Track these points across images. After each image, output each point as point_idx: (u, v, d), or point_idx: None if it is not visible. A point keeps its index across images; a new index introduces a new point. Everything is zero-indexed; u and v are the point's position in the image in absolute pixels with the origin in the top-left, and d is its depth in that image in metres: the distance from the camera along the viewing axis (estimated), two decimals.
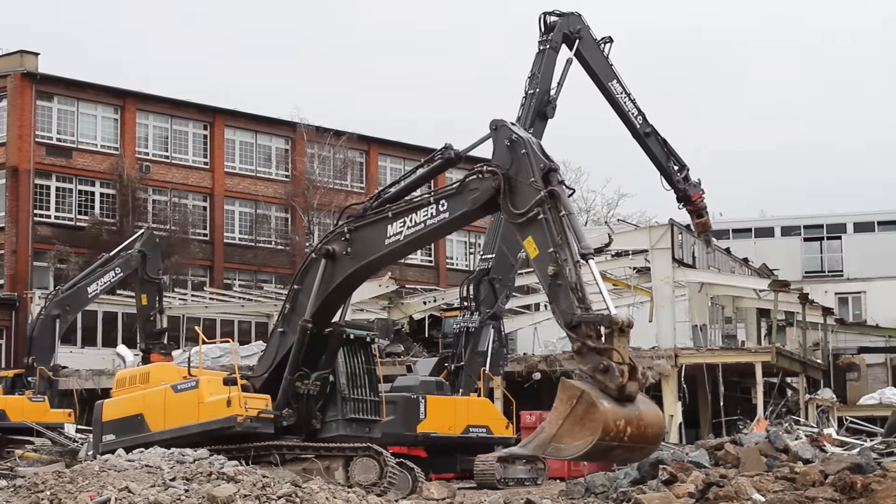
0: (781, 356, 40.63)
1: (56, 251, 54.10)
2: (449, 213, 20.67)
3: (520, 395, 38.41)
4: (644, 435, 16.81)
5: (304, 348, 22.95)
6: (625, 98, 39.03)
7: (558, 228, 18.40)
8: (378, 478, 22.73)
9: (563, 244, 18.28)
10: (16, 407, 36.51)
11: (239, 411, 22.89)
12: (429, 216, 20.88)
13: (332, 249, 22.44)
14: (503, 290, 35.24)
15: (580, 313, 17.57)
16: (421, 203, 21.19)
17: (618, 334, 17.04)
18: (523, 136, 19.62)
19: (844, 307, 59.61)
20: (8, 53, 56.03)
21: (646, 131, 39.47)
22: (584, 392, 16.52)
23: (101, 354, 51.90)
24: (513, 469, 31.47)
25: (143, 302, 40.32)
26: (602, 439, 16.31)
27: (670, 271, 40.49)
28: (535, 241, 18.62)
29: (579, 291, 17.87)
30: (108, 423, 25.08)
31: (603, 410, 16.33)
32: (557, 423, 16.62)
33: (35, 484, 18.08)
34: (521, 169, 19.29)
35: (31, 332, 40.57)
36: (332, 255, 22.43)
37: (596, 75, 38.47)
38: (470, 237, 70.24)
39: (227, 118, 61.74)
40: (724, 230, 65.70)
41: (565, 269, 18.08)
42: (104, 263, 40.87)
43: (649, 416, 17.00)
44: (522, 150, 19.36)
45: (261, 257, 61.91)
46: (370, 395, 24.28)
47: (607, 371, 16.72)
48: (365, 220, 22.18)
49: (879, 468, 20.15)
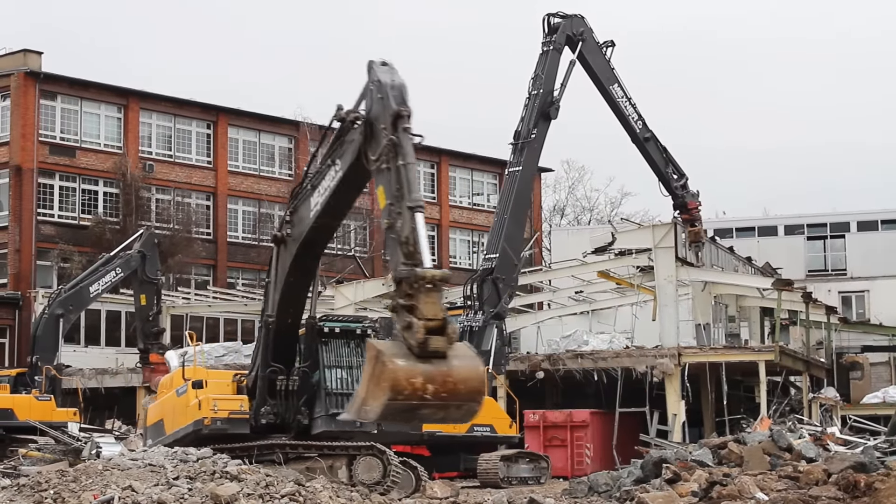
0: (785, 355, 40.61)
1: (59, 250, 54.13)
2: (341, 169, 19.95)
3: (523, 393, 38.45)
4: (455, 392, 15.77)
5: (271, 344, 22.79)
6: (625, 102, 39.24)
7: (396, 179, 17.56)
8: (381, 477, 22.72)
9: (399, 196, 17.33)
10: (24, 406, 36.59)
11: (205, 414, 22.91)
12: (331, 178, 20.34)
13: (279, 234, 22.24)
14: (506, 290, 35.31)
15: (402, 269, 16.57)
16: (325, 167, 20.69)
17: (425, 290, 16.12)
18: (384, 79, 18.55)
19: (848, 306, 59.57)
20: (11, 52, 56.05)
21: (645, 136, 39.69)
22: (378, 351, 15.74)
23: (104, 353, 51.98)
24: (516, 468, 31.53)
25: (142, 302, 40.37)
26: (394, 398, 15.47)
27: (674, 270, 40.48)
28: (384, 191, 17.73)
29: (409, 246, 16.82)
30: (149, 427, 25.47)
31: (392, 368, 15.48)
32: (364, 386, 16.06)
33: (38, 483, 18.10)
34: (378, 115, 18.45)
35: (35, 330, 40.62)
36: (281, 241, 22.20)
37: (597, 78, 38.66)
38: (473, 236, 70.28)
39: (231, 117, 61.77)
40: (728, 229, 65.73)
41: (397, 223, 17.19)
42: (105, 263, 40.93)
43: (461, 371, 15.86)
44: (378, 95, 18.48)
45: (264, 256, 61.65)
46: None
47: (410, 328, 15.84)
48: (297, 198, 21.96)
49: (883, 467, 20.15)
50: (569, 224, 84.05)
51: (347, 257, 62.95)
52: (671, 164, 40.32)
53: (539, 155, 37.67)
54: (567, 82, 37.35)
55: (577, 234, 63.53)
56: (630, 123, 39.38)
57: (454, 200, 70.07)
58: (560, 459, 37.07)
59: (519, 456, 32.16)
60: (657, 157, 40.03)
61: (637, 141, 39.78)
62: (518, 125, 36.98)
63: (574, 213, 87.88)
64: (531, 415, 38.70)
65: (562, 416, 38.68)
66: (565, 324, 50.03)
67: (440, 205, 69.12)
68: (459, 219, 70.17)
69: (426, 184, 69.29)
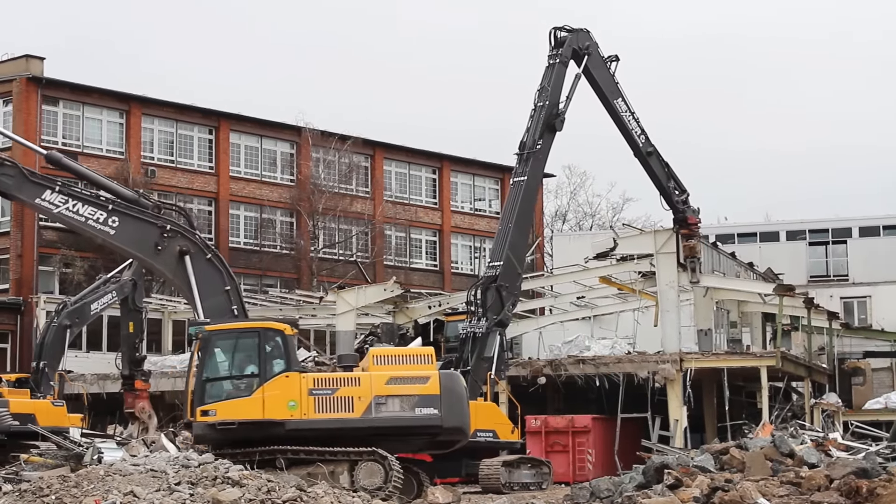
0: (787, 361, 40.61)
1: (61, 255, 54.13)
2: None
3: (525, 399, 38.46)
4: None
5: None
6: (629, 116, 39.43)
7: None
8: (383, 482, 22.75)
9: None
10: (43, 411, 36.74)
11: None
12: None
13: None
14: (510, 298, 35.37)
15: None
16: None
17: None
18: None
19: (850, 311, 59.61)
20: (13, 58, 56.06)
21: (648, 150, 39.84)
22: None
23: (106, 359, 51.89)
24: (518, 473, 31.53)
25: (130, 329, 40.45)
26: None
27: (675, 275, 40.48)
28: None
29: None
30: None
31: None
32: None
33: (40, 488, 18.12)
34: None
35: (42, 338, 40.68)
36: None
37: (602, 92, 38.93)
38: (475, 241, 70.28)
39: (232, 122, 61.77)
40: (730, 234, 65.73)
41: None
42: (105, 283, 41.15)
43: None
44: None
45: (266, 262, 61.94)
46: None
47: None
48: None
49: (885, 472, 20.11)
50: (570, 229, 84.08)
51: (349, 262, 62.99)
52: (673, 178, 40.49)
53: (544, 166, 37.83)
54: (573, 95, 37.69)
55: (578, 240, 63.58)
56: (633, 137, 39.56)
57: (456, 206, 70.08)
58: (562, 465, 37.08)
59: (521, 461, 32.16)
60: (659, 172, 40.20)
61: (640, 155, 39.95)
62: (523, 136, 37.12)
63: (576, 218, 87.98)
64: (533, 420, 38.70)
65: (563, 422, 38.68)
66: (567, 329, 50.05)
67: (442, 210, 69.12)
68: (461, 224, 70.17)
69: (428, 189, 69.32)
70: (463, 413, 24.78)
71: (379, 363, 24.47)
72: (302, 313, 51.87)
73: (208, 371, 24.26)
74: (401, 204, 67.18)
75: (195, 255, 26.08)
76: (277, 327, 24.59)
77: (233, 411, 23.57)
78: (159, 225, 26.28)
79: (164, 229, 26.12)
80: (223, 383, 24.28)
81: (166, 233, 25.99)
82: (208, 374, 24.24)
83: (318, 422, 23.46)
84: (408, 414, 23.85)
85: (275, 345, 24.07)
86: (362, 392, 23.66)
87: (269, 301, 55.13)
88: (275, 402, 23.46)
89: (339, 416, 23.51)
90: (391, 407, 23.81)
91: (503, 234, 36.06)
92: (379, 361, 24.54)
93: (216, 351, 24.42)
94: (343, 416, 23.52)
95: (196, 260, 26.12)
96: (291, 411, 23.44)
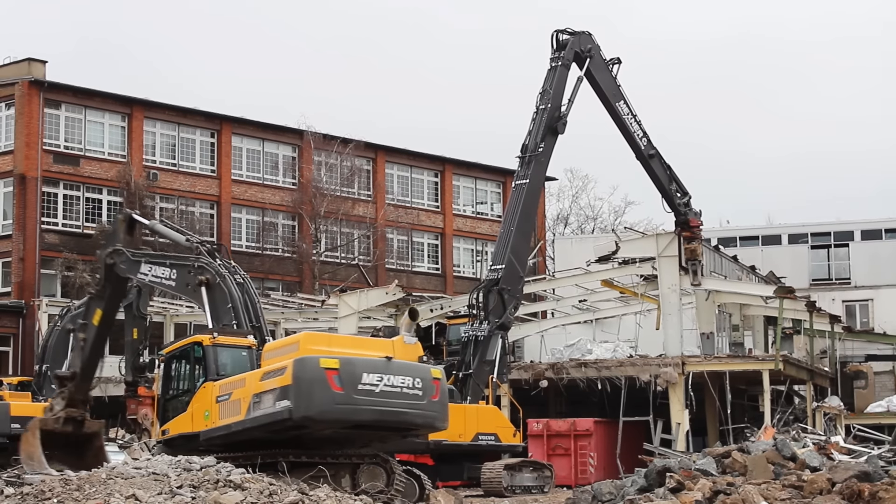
0: (789, 364, 40.61)
1: (63, 259, 54.13)
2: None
3: (527, 402, 38.48)
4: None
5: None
6: (631, 119, 39.47)
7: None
8: (385, 485, 22.72)
9: None
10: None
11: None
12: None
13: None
14: (512, 301, 35.39)
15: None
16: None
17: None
18: None
19: (852, 315, 59.59)
20: (16, 61, 56.13)
21: (650, 153, 39.88)
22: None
23: (108, 362, 51.78)
24: (520, 476, 31.53)
25: (134, 336, 40.48)
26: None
27: (677, 279, 40.48)
28: None
29: None
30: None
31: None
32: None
33: (42, 491, 18.10)
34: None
35: (46, 341, 40.69)
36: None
37: (604, 95, 38.98)
38: (477, 245, 70.27)
39: (234, 126, 61.80)
40: (732, 237, 65.76)
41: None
42: None
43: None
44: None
45: (268, 265, 61.93)
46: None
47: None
48: None
49: (887, 476, 20.11)
50: (572, 233, 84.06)
51: (351, 266, 62.99)
52: (675, 181, 40.51)
53: (546, 168, 37.87)
54: (574, 98, 37.76)
55: (580, 243, 63.54)
56: (635, 140, 39.60)
57: (458, 209, 70.07)
58: (564, 468, 37.10)
59: (522, 465, 32.18)
60: (661, 175, 40.22)
61: (641, 158, 39.98)
62: (525, 138, 37.15)
63: (578, 221, 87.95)
64: (535, 423, 38.71)
65: (565, 425, 38.69)
66: (569, 332, 50.05)
67: (444, 213, 69.12)
68: (463, 227, 70.17)
69: (430, 192, 69.32)
70: (322, 401, 21.78)
71: (267, 359, 23.17)
72: (304, 317, 51.89)
73: (165, 392, 24.85)
74: (403, 207, 67.17)
75: (213, 286, 26.44)
76: (197, 339, 24.43)
77: (175, 427, 23.96)
78: (188, 266, 26.89)
79: (191, 268, 26.72)
80: (176, 402, 24.47)
81: (192, 270, 26.61)
82: (166, 395, 24.79)
83: (219, 428, 22.83)
84: (271, 409, 21.98)
85: (198, 357, 23.98)
86: (245, 393, 22.58)
87: (272, 304, 55.13)
88: (199, 414, 23.42)
89: (231, 419, 22.61)
90: (265, 404, 22.17)
91: (505, 238, 36.08)
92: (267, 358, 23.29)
93: (169, 372, 24.92)
94: (233, 419, 22.57)
95: (211, 288, 26.50)
96: (206, 421, 23.11)
